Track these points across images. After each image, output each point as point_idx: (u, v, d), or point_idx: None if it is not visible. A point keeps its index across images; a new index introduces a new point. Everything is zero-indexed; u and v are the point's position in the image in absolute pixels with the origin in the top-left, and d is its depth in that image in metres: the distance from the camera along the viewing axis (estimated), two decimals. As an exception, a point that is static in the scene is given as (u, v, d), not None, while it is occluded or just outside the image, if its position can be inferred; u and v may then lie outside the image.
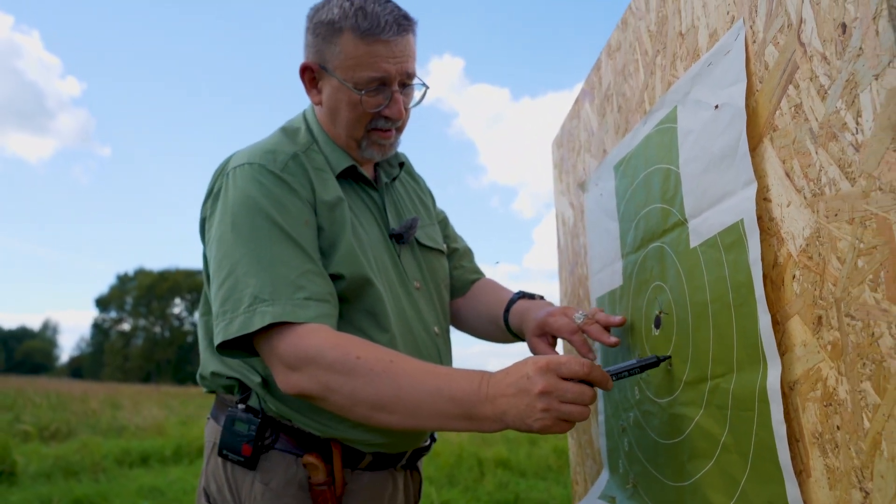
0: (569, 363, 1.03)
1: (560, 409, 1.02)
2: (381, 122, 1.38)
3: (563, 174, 1.83)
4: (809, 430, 0.74)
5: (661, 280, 1.12)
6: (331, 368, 1.15)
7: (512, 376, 1.06)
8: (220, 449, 1.32)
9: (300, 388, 1.17)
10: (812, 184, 0.74)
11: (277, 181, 1.30)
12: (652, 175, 1.14)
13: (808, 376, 0.74)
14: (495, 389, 1.07)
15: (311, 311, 1.20)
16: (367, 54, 1.31)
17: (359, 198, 1.44)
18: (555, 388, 1.01)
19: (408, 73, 1.36)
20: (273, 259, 1.23)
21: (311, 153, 1.40)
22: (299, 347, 1.17)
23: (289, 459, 1.30)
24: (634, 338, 1.22)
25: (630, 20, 1.29)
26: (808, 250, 0.74)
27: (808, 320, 0.74)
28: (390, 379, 1.13)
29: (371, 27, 1.30)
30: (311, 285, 1.23)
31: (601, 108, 1.46)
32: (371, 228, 1.40)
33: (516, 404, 1.04)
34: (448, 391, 1.10)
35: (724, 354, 0.90)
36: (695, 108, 0.99)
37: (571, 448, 1.80)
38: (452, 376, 1.12)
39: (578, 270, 1.67)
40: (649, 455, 1.15)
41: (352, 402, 1.15)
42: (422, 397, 1.12)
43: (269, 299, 1.20)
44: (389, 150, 1.45)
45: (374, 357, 1.15)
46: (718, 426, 0.91)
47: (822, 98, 0.72)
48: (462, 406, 1.10)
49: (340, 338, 1.19)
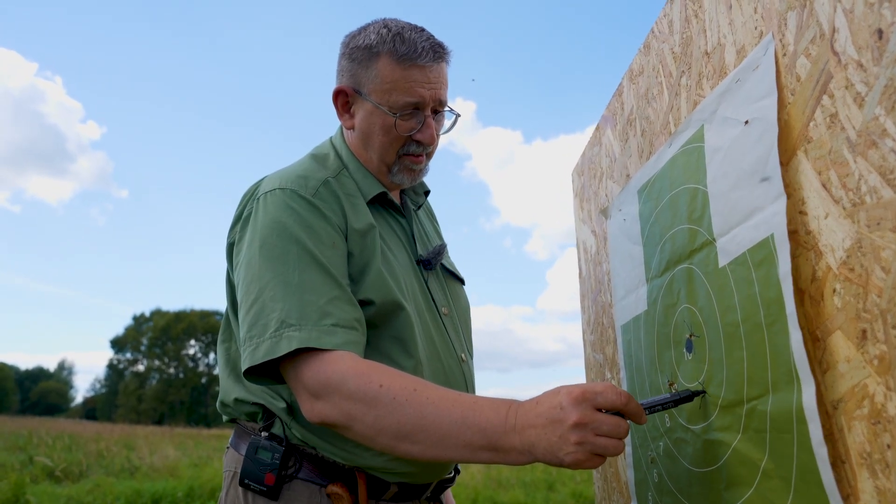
0: (606, 392, 0.98)
1: (595, 442, 0.97)
2: (413, 146, 1.40)
3: (584, 202, 1.81)
4: (857, 450, 0.70)
5: (689, 303, 1.09)
6: (353, 397, 1.12)
7: (543, 406, 1.02)
8: (242, 478, 1.28)
9: (323, 416, 1.15)
10: (851, 193, 0.72)
11: (309, 206, 1.30)
12: (678, 196, 1.12)
13: (853, 393, 0.71)
14: (524, 420, 1.03)
15: (337, 338, 1.18)
16: (403, 78, 1.34)
17: (387, 224, 1.44)
18: (591, 420, 0.97)
19: (440, 101, 1.39)
20: (301, 284, 1.22)
21: (342, 178, 1.41)
22: (323, 375, 1.15)
23: (312, 489, 1.27)
24: (663, 364, 1.19)
25: (653, 43, 1.29)
26: (850, 262, 0.72)
27: (852, 335, 0.71)
28: (414, 408, 1.10)
29: (408, 52, 1.33)
30: (339, 312, 1.21)
31: (623, 132, 1.45)
32: (400, 254, 1.41)
33: (547, 436, 0.99)
34: (473, 420, 1.07)
35: (758, 375, 0.86)
36: (723, 126, 0.97)
37: (596, 482, 1.75)
38: (478, 405, 1.08)
39: (602, 298, 1.65)
40: (682, 485, 1.11)
41: (375, 431, 1.12)
42: (446, 427, 1.08)
43: (297, 324, 1.18)
44: (419, 175, 1.46)
45: (397, 385, 1.12)
46: (758, 450, 0.87)
47: (859, 106, 0.71)
48: (487, 437, 1.06)
49: (365, 365, 1.16)
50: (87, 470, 10.69)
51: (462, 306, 1.54)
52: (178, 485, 9.09)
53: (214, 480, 9.40)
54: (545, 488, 11.61)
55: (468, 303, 1.59)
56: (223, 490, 1.37)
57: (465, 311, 1.54)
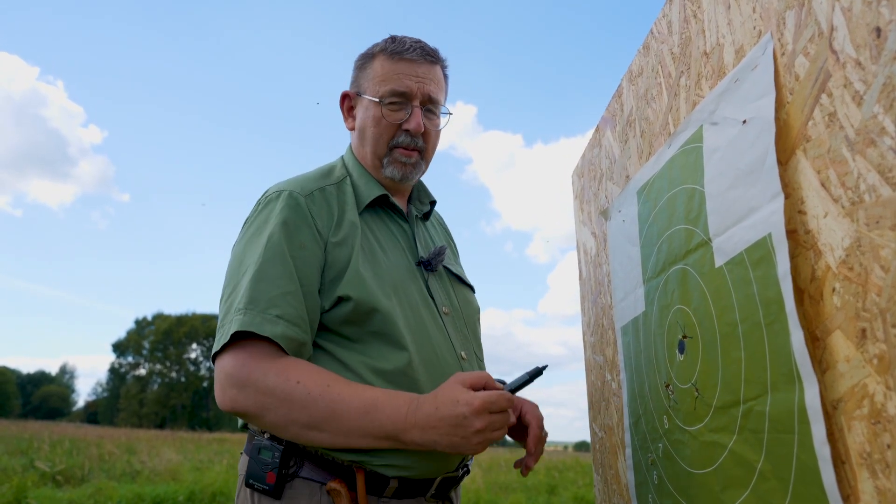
0: (498, 401, 1.19)
1: (492, 436, 1.21)
2: (403, 137, 1.48)
3: (584, 204, 1.81)
4: (856, 450, 0.70)
5: (683, 303, 1.08)
6: (270, 392, 1.23)
7: (443, 411, 1.20)
8: (247, 478, 1.32)
9: (236, 404, 1.25)
10: (850, 192, 0.71)
11: (295, 208, 1.38)
12: (676, 196, 1.12)
13: (853, 393, 0.70)
14: (424, 421, 1.20)
15: (277, 329, 1.26)
16: (392, 70, 1.47)
17: (386, 226, 1.51)
18: (489, 424, 1.19)
19: (429, 96, 1.48)
20: (260, 274, 1.31)
21: (343, 186, 1.49)
22: (246, 368, 1.25)
23: (313, 487, 1.29)
24: (659, 365, 1.18)
25: (652, 44, 1.28)
26: (849, 261, 0.71)
27: (851, 334, 0.70)
28: (325, 402, 1.23)
29: (398, 48, 1.48)
30: (287, 306, 1.29)
31: (623, 134, 1.45)
32: (395, 255, 1.47)
33: (450, 437, 1.20)
34: (376, 416, 1.23)
35: (756, 375, 0.86)
36: (721, 126, 0.97)
37: (597, 485, 1.74)
38: (381, 403, 1.24)
39: (602, 300, 1.64)
40: (681, 487, 1.10)
41: (287, 422, 1.24)
42: (353, 420, 1.23)
43: (244, 309, 1.28)
44: (411, 171, 1.52)
45: (313, 382, 1.24)
46: (754, 452, 0.87)
47: (857, 104, 0.70)
48: (387, 431, 1.23)
49: (287, 362, 1.26)
50: (89, 474, 10.67)
51: (468, 309, 1.57)
52: (180, 488, 9.08)
53: (215, 484, 9.38)
54: (546, 492, 11.58)
55: (477, 308, 1.63)
56: (237, 493, 1.40)
57: (471, 313, 1.58)
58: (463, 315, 1.54)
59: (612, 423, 1.56)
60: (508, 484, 12.34)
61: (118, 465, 11.83)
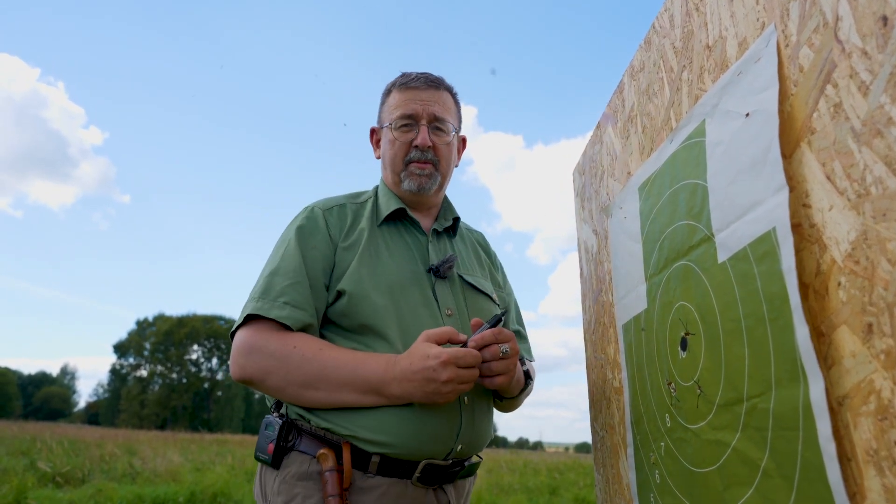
0: (465, 357, 1.36)
1: (460, 388, 1.37)
2: (415, 152, 1.69)
3: (585, 201, 1.80)
4: (863, 447, 0.68)
5: (685, 300, 1.07)
6: (272, 356, 1.42)
7: (416, 365, 1.37)
8: (256, 452, 1.50)
9: (244, 371, 1.44)
10: (856, 184, 0.70)
11: (313, 218, 1.63)
12: (678, 192, 1.11)
13: (859, 389, 0.69)
14: (401, 374, 1.38)
15: (284, 312, 1.46)
16: (400, 99, 1.70)
17: (401, 237, 1.70)
18: (456, 376, 1.35)
19: (434, 115, 1.69)
20: (277, 269, 1.53)
21: (365, 204, 1.73)
22: (252, 339, 1.44)
23: (304, 458, 1.45)
24: (662, 362, 1.17)
25: (654, 39, 1.27)
26: (855, 254, 0.70)
27: (857, 329, 0.69)
28: (318, 363, 1.41)
29: (406, 80, 1.72)
30: (295, 294, 1.49)
31: (624, 130, 1.44)
32: (402, 260, 1.63)
33: (423, 389, 1.36)
34: (362, 372, 1.40)
35: (760, 372, 0.84)
36: (724, 119, 0.96)
37: (598, 484, 1.73)
38: (366, 362, 1.42)
39: (603, 298, 1.63)
40: (683, 486, 1.09)
41: (286, 383, 1.42)
42: (342, 377, 1.40)
43: (258, 297, 1.49)
44: (426, 181, 1.71)
45: (307, 346, 1.43)
46: (758, 449, 0.85)
47: (863, 95, 0.69)
48: (372, 385, 1.40)
49: (289, 334, 1.45)
50: (89, 475, 10.65)
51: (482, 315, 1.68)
52: (180, 489, 9.06)
53: (216, 485, 9.36)
54: (548, 493, 11.56)
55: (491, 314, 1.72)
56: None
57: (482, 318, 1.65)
58: (470, 319, 1.63)
59: (613, 422, 1.54)
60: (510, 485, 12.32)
61: (119, 466, 11.81)
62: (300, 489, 1.41)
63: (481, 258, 1.91)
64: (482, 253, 1.93)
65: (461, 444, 1.50)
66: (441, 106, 1.71)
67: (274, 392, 1.45)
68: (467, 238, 1.91)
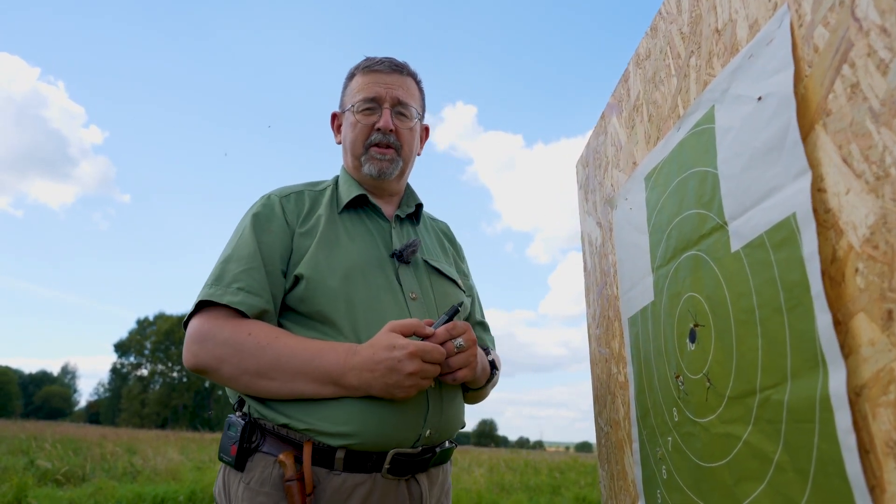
0: (432, 353, 1.35)
1: (421, 383, 1.35)
2: (376, 135, 1.66)
3: (589, 193, 1.77)
4: (882, 438, 0.66)
5: (695, 291, 1.04)
6: (225, 343, 1.37)
7: (379, 355, 1.33)
8: (219, 453, 1.45)
9: (198, 359, 1.39)
10: (874, 166, 0.67)
11: (269, 205, 1.60)
12: (686, 181, 1.08)
13: (878, 378, 0.66)
14: (361, 363, 1.34)
15: (237, 298, 1.42)
16: (364, 82, 1.69)
17: (363, 223, 1.66)
18: (421, 370, 1.33)
19: (398, 99, 1.67)
20: (230, 258, 1.49)
21: (324, 192, 1.69)
22: (205, 326, 1.40)
23: (268, 460, 1.39)
24: (669, 355, 1.15)
25: (660, 25, 1.24)
26: (873, 239, 0.67)
27: (876, 316, 0.67)
28: (273, 351, 1.36)
29: (368, 64, 1.71)
30: (249, 279, 1.45)
31: (630, 119, 1.41)
32: (364, 246, 1.60)
33: (384, 380, 1.32)
34: (319, 363, 1.35)
35: (775, 363, 0.82)
36: (735, 104, 0.93)
37: (602, 481, 1.70)
38: (324, 351, 1.37)
39: (607, 291, 1.60)
40: (692, 481, 1.06)
41: (240, 371, 1.36)
42: (297, 366, 1.35)
43: (210, 284, 1.45)
44: (387, 165, 1.68)
45: (262, 334, 1.38)
46: (771, 443, 0.83)
47: (882, 73, 0.66)
48: (330, 375, 1.35)
49: (243, 321, 1.41)
50: (90, 473, 10.63)
51: (445, 300, 1.66)
52: (180, 488, 9.03)
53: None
54: (549, 492, 11.53)
55: (456, 298, 1.73)
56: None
57: (447, 304, 1.66)
58: (436, 303, 1.63)
59: (618, 418, 1.52)
60: (511, 484, 12.30)
61: (119, 465, 11.79)
62: (263, 498, 1.36)
63: (445, 247, 1.89)
64: (446, 243, 1.91)
65: (430, 430, 1.45)
66: (405, 91, 1.69)
67: (227, 381, 1.40)
68: (431, 227, 1.90)
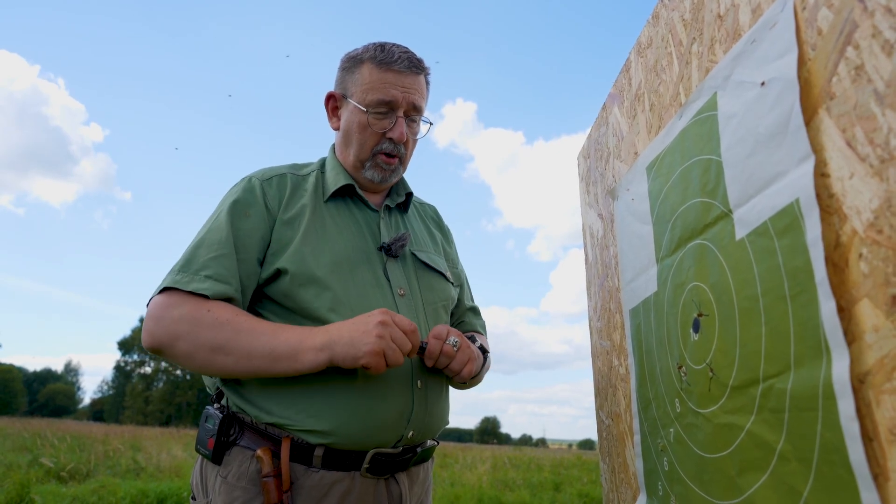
0: (402, 321, 1.31)
1: (388, 344, 1.27)
2: (386, 144, 1.57)
3: (591, 185, 1.76)
4: (886, 426, 0.65)
5: (699, 280, 1.03)
6: (183, 319, 1.32)
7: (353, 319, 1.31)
8: (196, 444, 1.42)
9: (154, 336, 1.33)
10: (879, 149, 0.66)
11: (250, 189, 1.52)
12: (689, 169, 1.07)
13: (882, 365, 0.65)
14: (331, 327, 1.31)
15: (204, 285, 1.35)
16: (380, 80, 1.53)
17: (350, 214, 1.60)
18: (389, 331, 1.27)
19: (414, 106, 1.57)
20: (202, 243, 1.42)
21: (308, 178, 1.61)
22: (165, 303, 1.34)
23: (245, 454, 1.37)
24: (672, 346, 1.13)
25: (662, 13, 1.23)
26: (877, 223, 0.66)
27: (881, 302, 0.65)
28: (231, 327, 1.31)
29: (386, 58, 1.54)
30: (218, 266, 1.39)
31: (631, 109, 1.40)
32: (351, 239, 1.54)
33: (350, 331, 1.28)
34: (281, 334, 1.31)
35: (778, 351, 0.81)
36: (737, 90, 0.92)
37: (604, 474, 1.69)
38: (285, 327, 1.34)
39: (609, 283, 1.59)
40: (693, 473, 1.05)
41: (195, 347, 1.31)
42: (255, 341, 1.30)
43: (177, 270, 1.39)
44: (390, 175, 1.62)
45: (222, 312, 1.33)
46: (773, 432, 0.82)
47: (887, 54, 0.65)
48: (291, 344, 1.30)
49: (204, 301, 1.35)
50: (93, 470, 10.66)
51: (430, 294, 1.63)
52: (184, 485, 9.04)
53: (219, 480, 9.32)
54: (552, 489, 11.53)
55: (446, 295, 1.68)
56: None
57: (433, 299, 1.63)
58: (422, 298, 1.59)
59: (619, 410, 1.51)
60: (513, 481, 12.30)
61: (123, 462, 11.81)
62: (240, 493, 1.33)
63: (433, 234, 1.83)
64: (434, 228, 1.86)
65: (412, 431, 1.43)
66: (420, 94, 1.59)
67: (184, 359, 1.33)
68: (420, 212, 1.85)
